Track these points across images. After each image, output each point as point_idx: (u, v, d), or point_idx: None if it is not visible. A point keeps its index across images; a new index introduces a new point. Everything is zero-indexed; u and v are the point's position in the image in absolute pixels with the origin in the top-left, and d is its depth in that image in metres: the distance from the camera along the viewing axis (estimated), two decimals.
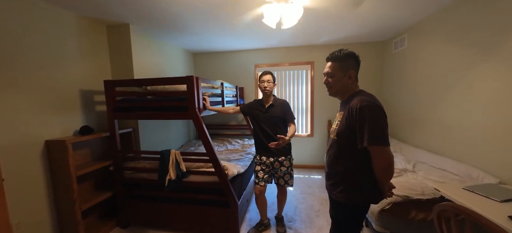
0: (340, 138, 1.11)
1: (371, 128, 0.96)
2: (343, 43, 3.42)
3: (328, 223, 2.15)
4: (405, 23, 2.62)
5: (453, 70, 2.10)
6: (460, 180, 1.81)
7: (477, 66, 1.85)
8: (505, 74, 1.63)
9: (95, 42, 2.30)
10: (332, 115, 3.66)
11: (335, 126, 1.16)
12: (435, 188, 1.56)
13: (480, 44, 1.82)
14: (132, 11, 2.09)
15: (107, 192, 2.12)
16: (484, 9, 1.77)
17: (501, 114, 1.67)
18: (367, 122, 0.97)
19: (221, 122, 3.96)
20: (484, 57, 1.79)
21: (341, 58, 1.12)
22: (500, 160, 1.68)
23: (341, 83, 1.13)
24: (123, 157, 2.16)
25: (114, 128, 2.06)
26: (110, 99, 2.01)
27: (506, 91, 1.62)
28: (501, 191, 1.41)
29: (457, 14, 2.02)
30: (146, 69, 2.67)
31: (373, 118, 0.97)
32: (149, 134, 2.70)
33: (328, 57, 1.17)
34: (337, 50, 1.15)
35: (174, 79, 1.88)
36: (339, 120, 1.14)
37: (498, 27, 1.67)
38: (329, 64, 1.16)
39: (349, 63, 1.12)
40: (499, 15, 1.66)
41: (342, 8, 2.12)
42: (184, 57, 3.64)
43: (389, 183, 1.09)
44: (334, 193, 1.18)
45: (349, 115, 1.04)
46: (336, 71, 1.13)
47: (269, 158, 1.94)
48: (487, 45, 1.76)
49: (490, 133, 1.76)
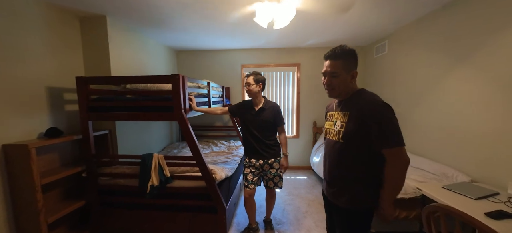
0: (347, 140, 1.01)
1: (391, 129, 0.91)
2: (328, 46, 3.50)
3: (316, 224, 2.17)
4: (385, 30, 2.75)
5: (429, 75, 2.25)
6: (437, 179, 1.92)
7: (450, 72, 2.00)
8: (475, 79, 1.78)
9: (65, 34, 2.07)
10: (317, 116, 3.73)
11: (338, 127, 1.05)
12: (418, 188, 1.64)
13: (453, 52, 1.96)
14: (108, 2, 1.91)
15: (79, 201, 1.91)
16: (457, 20, 1.91)
17: (472, 117, 1.81)
18: (388, 123, 0.91)
19: (206, 123, 3.83)
20: (457, 64, 1.93)
21: (344, 56, 1.01)
22: (472, 159, 1.82)
23: (345, 83, 1.03)
24: (97, 161, 1.96)
25: (88, 129, 1.86)
26: (83, 98, 1.81)
27: (476, 96, 1.77)
28: (475, 189, 1.52)
29: (433, 24, 2.16)
30: (125, 66, 2.47)
31: (390, 118, 0.91)
32: (128, 136, 2.50)
33: (327, 55, 1.05)
34: (337, 47, 1.03)
35: (158, 77, 1.75)
36: (343, 121, 1.03)
37: (470, 36, 1.81)
38: (329, 62, 1.04)
39: (351, 62, 1.03)
40: (470, 26, 1.80)
41: (331, 13, 2.15)
42: (166, 54, 3.45)
43: (391, 206, 0.98)
44: (340, 201, 1.07)
45: (361, 116, 0.96)
46: (340, 71, 1.02)
47: (259, 161, 1.89)
48: (460, 53, 1.90)
49: (462, 134, 1.91)
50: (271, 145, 1.89)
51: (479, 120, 1.76)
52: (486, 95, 1.70)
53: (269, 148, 1.88)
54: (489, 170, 1.68)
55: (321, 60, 3.80)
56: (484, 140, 1.72)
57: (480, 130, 1.75)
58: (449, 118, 2.03)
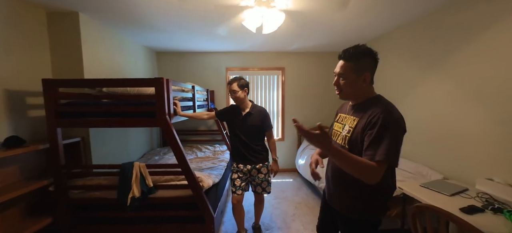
0: (352, 147, 0.96)
1: (391, 144, 0.83)
2: (312, 51, 3.60)
3: (305, 227, 2.19)
4: (366, 37, 2.90)
5: (406, 80, 2.41)
6: (414, 178, 2.06)
7: (425, 77, 2.17)
8: (446, 84, 1.94)
9: (28, 31, 1.84)
10: (302, 120, 3.76)
11: (346, 132, 1.00)
12: (399, 187, 1.73)
13: (428, 58, 2.13)
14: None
15: (46, 218, 1.69)
16: (431, 30, 2.08)
17: (443, 119, 1.98)
18: (387, 136, 0.84)
19: (190, 127, 3.69)
20: (430, 69, 2.10)
21: (356, 57, 0.94)
22: (443, 158, 1.98)
23: (355, 86, 0.96)
24: (68, 173, 1.77)
25: (56, 137, 1.67)
26: (51, 103, 1.62)
27: (447, 99, 1.93)
28: (448, 186, 1.64)
29: (410, 32, 2.33)
30: (100, 67, 2.27)
31: (394, 134, 0.86)
32: (103, 144, 2.30)
33: (340, 55, 0.98)
34: (353, 47, 0.95)
35: (140, 80, 1.64)
36: (352, 126, 0.97)
37: (441, 45, 1.98)
38: (341, 63, 0.98)
39: (365, 64, 0.94)
40: (441, 36, 1.97)
41: (327, 13, 2.13)
42: (146, 55, 3.27)
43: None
44: (345, 208, 1.03)
45: (367, 122, 0.90)
46: (348, 73, 0.95)
47: (247, 166, 1.86)
48: (433, 59, 2.07)
49: (435, 135, 2.07)
50: (259, 150, 1.87)
51: (450, 122, 1.92)
52: (455, 99, 1.87)
53: (257, 153, 1.86)
54: (458, 168, 1.84)
55: (305, 64, 3.88)
56: (454, 140, 1.88)
57: (451, 131, 1.91)
58: (424, 120, 2.19)
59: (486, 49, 1.62)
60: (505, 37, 1.50)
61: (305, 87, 3.74)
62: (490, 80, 1.60)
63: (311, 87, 3.74)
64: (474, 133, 1.72)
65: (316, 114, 3.78)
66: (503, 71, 1.51)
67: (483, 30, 1.64)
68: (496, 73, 1.56)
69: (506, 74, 1.50)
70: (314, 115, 3.78)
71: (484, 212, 1.29)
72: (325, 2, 1.87)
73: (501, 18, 1.52)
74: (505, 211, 1.24)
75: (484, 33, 1.63)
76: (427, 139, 2.15)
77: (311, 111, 3.79)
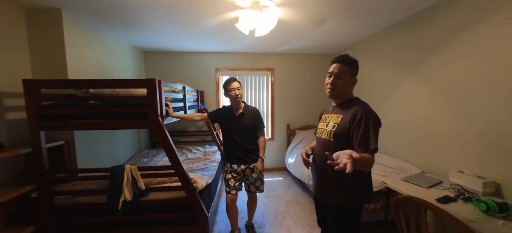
0: (337, 140, 1.12)
1: (374, 136, 1.04)
2: (300, 53, 3.71)
3: (296, 224, 2.26)
4: (350, 41, 3.06)
5: (387, 82, 2.58)
6: (396, 172, 2.21)
7: (404, 79, 2.33)
8: (421, 86, 2.11)
9: (4, 28, 1.72)
10: (291, 119, 3.90)
11: (331, 127, 1.16)
12: (383, 181, 1.86)
13: (405, 62, 2.29)
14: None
15: (28, 227, 1.60)
16: (407, 36, 2.25)
17: (420, 118, 2.15)
18: (371, 130, 1.04)
19: (179, 128, 3.64)
20: (408, 72, 2.27)
21: (350, 63, 1.15)
22: (421, 154, 2.16)
23: (346, 87, 1.16)
24: (52, 178, 1.68)
25: (39, 141, 1.58)
26: (33, 104, 1.54)
27: (423, 100, 2.10)
28: (426, 179, 1.80)
29: (390, 38, 2.50)
30: (85, 68, 2.19)
31: (375, 127, 1.06)
32: (89, 147, 2.21)
33: (337, 59, 1.16)
34: (345, 54, 1.18)
35: (131, 81, 1.62)
36: (336, 122, 1.15)
37: (416, 51, 2.15)
38: (338, 65, 1.15)
39: (355, 70, 1.17)
40: (416, 43, 2.14)
41: (307, 24, 2.32)
42: (132, 55, 3.17)
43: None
44: (331, 199, 1.17)
45: (351, 119, 1.08)
46: (345, 74, 1.14)
47: (240, 166, 1.89)
48: (410, 64, 2.24)
49: (413, 133, 2.24)
50: (252, 149, 1.91)
51: (426, 122, 2.09)
52: (429, 101, 2.04)
53: (250, 152, 1.90)
54: (434, 163, 2.02)
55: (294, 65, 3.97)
56: (430, 138, 2.05)
57: (427, 129, 2.08)
58: (403, 119, 2.36)
59: (453, 56, 1.80)
60: (469, 46, 1.68)
61: (294, 88, 3.84)
62: (458, 84, 1.78)
63: (300, 87, 3.85)
64: (447, 132, 1.89)
65: (305, 114, 3.90)
66: (468, 76, 1.69)
67: (449, 40, 1.82)
68: (462, 77, 1.74)
69: (471, 79, 1.67)
70: (303, 114, 3.89)
71: (456, 201, 1.44)
72: (306, 19, 2.14)
73: (464, 29, 1.70)
74: (474, 200, 1.39)
75: (450, 43, 1.81)
76: (407, 137, 2.32)
77: (300, 111, 3.90)
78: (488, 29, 1.56)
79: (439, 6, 1.90)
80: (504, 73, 1.47)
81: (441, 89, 1.92)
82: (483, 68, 1.60)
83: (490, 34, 1.54)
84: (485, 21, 1.57)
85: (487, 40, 1.56)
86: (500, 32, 1.49)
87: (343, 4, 1.89)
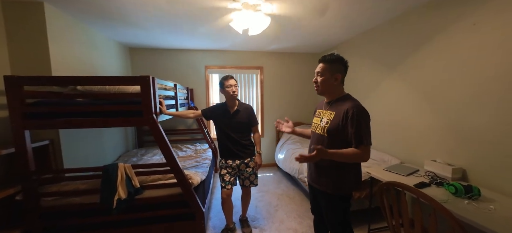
0: (331, 134, 1.22)
1: (366, 131, 1.14)
2: (289, 51, 3.81)
3: (287, 215, 2.36)
4: (335, 40, 3.21)
5: (370, 79, 2.76)
6: (378, 164, 2.39)
7: (386, 77, 2.52)
8: (401, 84, 2.30)
9: None
10: (280, 116, 3.99)
11: (324, 123, 1.26)
12: (367, 172, 2.01)
13: (387, 61, 2.48)
14: None
15: (13, 230, 1.53)
16: (386, 38, 2.43)
17: (399, 113, 2.34)
18: (362, 126, 1.14)
19: (168, 126, 3.58)
20: (389, 71, 2.45)
21: (331, 61, 1.24)
22: (400, 146, 2.35)
23: (328, 83, 1.25)
24: (38, 179, 1.61)
25: (24, 141, 1.52)
26: (16, 102, 1.47)
27: (402, 96, 2.29)
28: (404, 168, 1.98)
29: (373, 37, 2.67)
30: (70, 64, 2.09)
31: (366, 123, 1.16)
32: (75, 146, 2.13)
33: (320, 59, 1.28)
34: (329, 54, 1.27)
35: (123, 78, 1.59)
36: (329, 118, 1.25)
37: (397, 50, 2.33)
38: (321, 65, 1.27)
39: (337, 67, 1.24)
40: (396, 43, 2.32)
41: (306, 17, 2.31)
42: (118, 51, 3.06)
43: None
44: (324, 187, 1.28)
45: (344, 117, 1.18)
46: (325, 72, 1.24)
47: (235, 161, 1.94)
48: (391, 62, 2.42)
49: (394, 127, 2.43)
50: (247, 145, 1.97)
51: (404, 117, 2.29)
52: (408, 97, 2.23)
53: (245, 148, 1.95)
54: (411, 153, 2.22)
55: (283, 63, 4.07)
56: (408, 131, 2.25)
57: (405, 124, 2.28)
58: (385, 114, 2.55)
59: (429, 57, 1.99)
60: (442, 48, 1.87)
61: (283, 86, 3.94)
62: (433, 82, 1.97)
63: (289, 85, 3.96)
64: (422, 125, 2.09)
65: (294, 111, 4.02)
66: (442, 75, 1.88)
67: (426, 42, 2.00)
68: (437, 76, 1.93)
69: (444, 78, 1.87)
70: (292, 112, 4.01)
71: (430, 186, 1.61)
72: (306, 8, 2.05)
73: (437, 32, 1.89)
74: (445, 184, 1.57)
75: (427, 44, 1.99)
76: (388, 132, 2.51)
77: (289, 108, 4.01)
78: (457, 33, 1.75)
79: (416, 10, 2.08)
80: (471, 72, 1.67)
81: (418, 87, 2.11)
82: (453, 68, 1.79)
83: (460, 38, 1.74)
84: (454, 26, 1.76)
85: (457, 43, 1.76)
86: (466, 36, 1.68)
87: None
